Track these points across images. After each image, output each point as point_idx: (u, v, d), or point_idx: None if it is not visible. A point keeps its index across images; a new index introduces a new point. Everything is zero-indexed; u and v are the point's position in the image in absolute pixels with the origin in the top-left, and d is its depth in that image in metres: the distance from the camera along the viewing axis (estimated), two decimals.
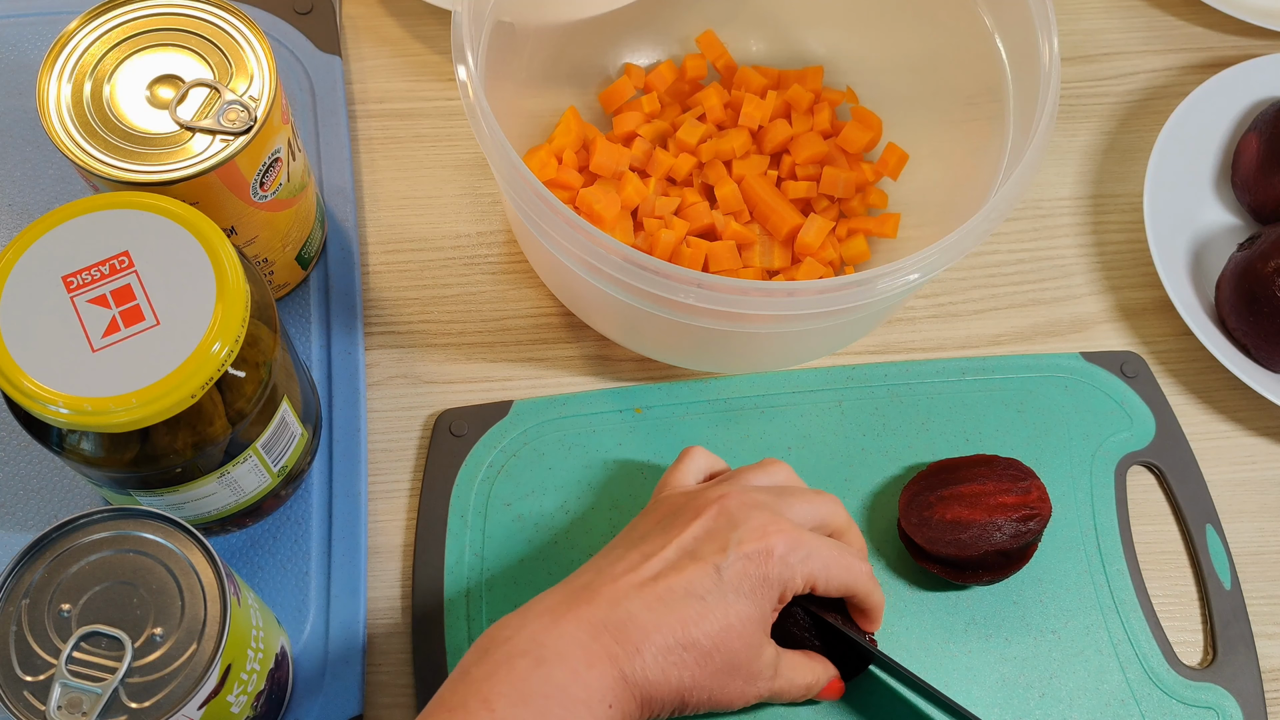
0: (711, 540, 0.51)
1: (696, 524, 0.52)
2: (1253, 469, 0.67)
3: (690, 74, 0.73)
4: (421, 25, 0.76)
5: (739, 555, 0.50)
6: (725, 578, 0.50)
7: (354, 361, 0.65)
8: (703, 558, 0.50)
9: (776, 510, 0.53)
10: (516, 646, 0.48)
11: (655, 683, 0.48)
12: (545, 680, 0.46)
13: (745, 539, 0.51)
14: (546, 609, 0.49)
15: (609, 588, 0.50)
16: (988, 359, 0.68)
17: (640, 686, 0.48)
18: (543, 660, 0.47)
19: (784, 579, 0.51)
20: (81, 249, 0.49)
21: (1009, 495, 0.60)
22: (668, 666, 0.49)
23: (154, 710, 0.45)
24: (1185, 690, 0.60)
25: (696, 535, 0.52)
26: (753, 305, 0.53)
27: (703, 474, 0.59)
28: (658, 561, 0.51)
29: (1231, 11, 0.76)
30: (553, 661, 0.47)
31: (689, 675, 0.49)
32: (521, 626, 0.49)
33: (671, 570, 0.50)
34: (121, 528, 0.47)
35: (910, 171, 0.70)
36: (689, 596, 0.49)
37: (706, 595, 0.50)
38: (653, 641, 0.48)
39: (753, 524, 0.51)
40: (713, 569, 0.50)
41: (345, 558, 0.61)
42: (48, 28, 0.72)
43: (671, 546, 0.51)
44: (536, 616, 0.49)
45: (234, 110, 0.54)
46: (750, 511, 0.52)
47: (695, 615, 0.49)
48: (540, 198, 0.53)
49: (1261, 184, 0.71)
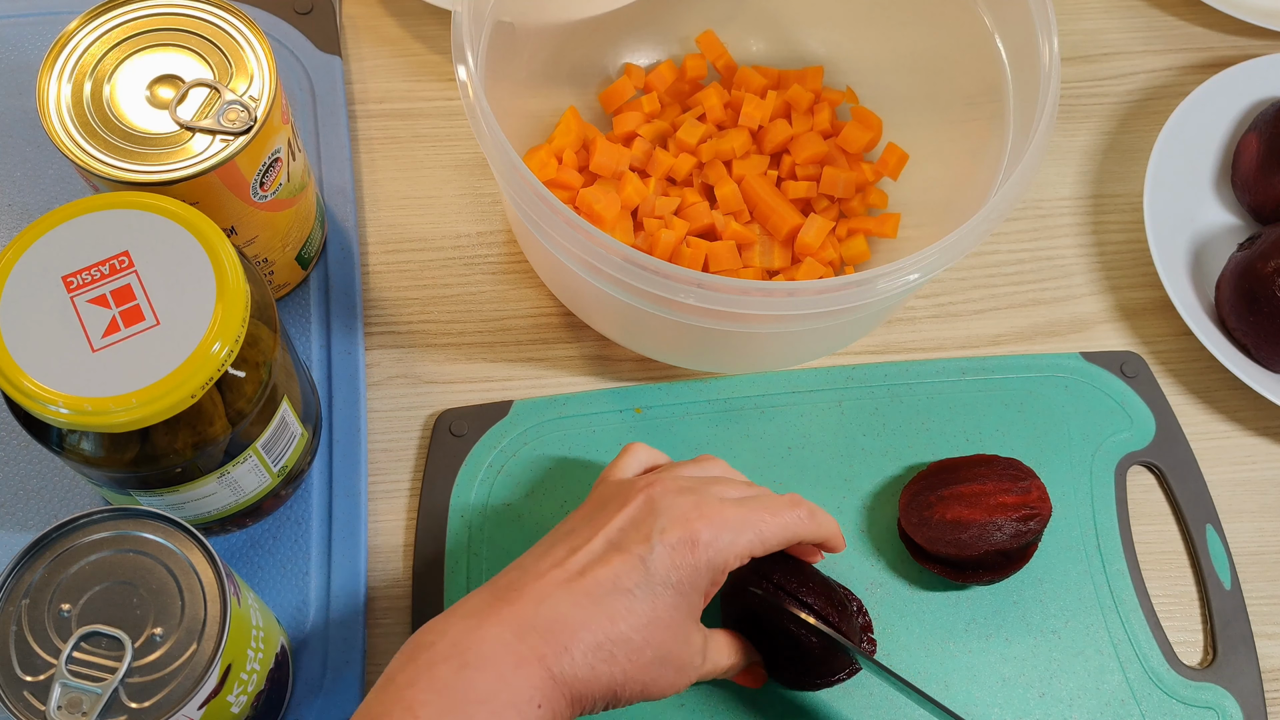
0: (636, 530, 0.50)
1: (621, 514, 0.51)
2: (1253, 469, 0.67)
3: (690, 74, 0.73)
4: (421, 25, 0.76)
5: (664, 545, 0.49)
6: (651, 569, 0.49)
7: (354, 361, 0.65)
8: (627, 549, 0.49)
9: (701, 493, 0.52)
10: (439, 652, 0.46)
11: (585, 680, 0.47)
12: (470, 685, 0.45)
13: (669, 527, 0.50)
14: (471, 610, 0.48)
15: (534, 585, 0.49)
16: (988, 359, 0.68)
17: (570, 685, 0.47)
18: (466, 664, 0.46)
19: (714, 564, 0.50)
20: (81, 249, 0.49)
21: (1009, 495, 0.60)
22: (597, 663, 0.47)
23: (154, 710, 0.45)
24: (1185, 690, 0.60)
25: (621, 526, 0.50)
26: (753, 305, 0.53)
27: (641, 468, 0.57)
28: (584, 555, 0.49)
29: (1231, 11, 0.76)
30: (477, 665, 0.46)
31: (619, 670, 0.48)
32: (445, 631, 0.47)
33: (597, 563, 0.49)
34: (121, 528, 0.47)
35: (910, 171, 0.70)
36: (616, 591, 0.48)
37: (634, 589, 0.48)
38: (580, 639, 0.47)
39: (675, 511, 0.50)
40: (638, 560, 0.49)
41: (345, 558, 0.61)
42: (48, 28, 0.72)
43: (597, 538, 0.50)
44: (461, 619, 0.48)
45: (234, 110, 0.54)
46: (675, 498, 0.51)
47: (623, 610, 0.48)
48: (540, 198, 0.53)
49: (1261, 184, 0.71)
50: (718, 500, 0.52)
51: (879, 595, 0.62)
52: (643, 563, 0.49)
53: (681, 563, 0.49)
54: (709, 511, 0.51)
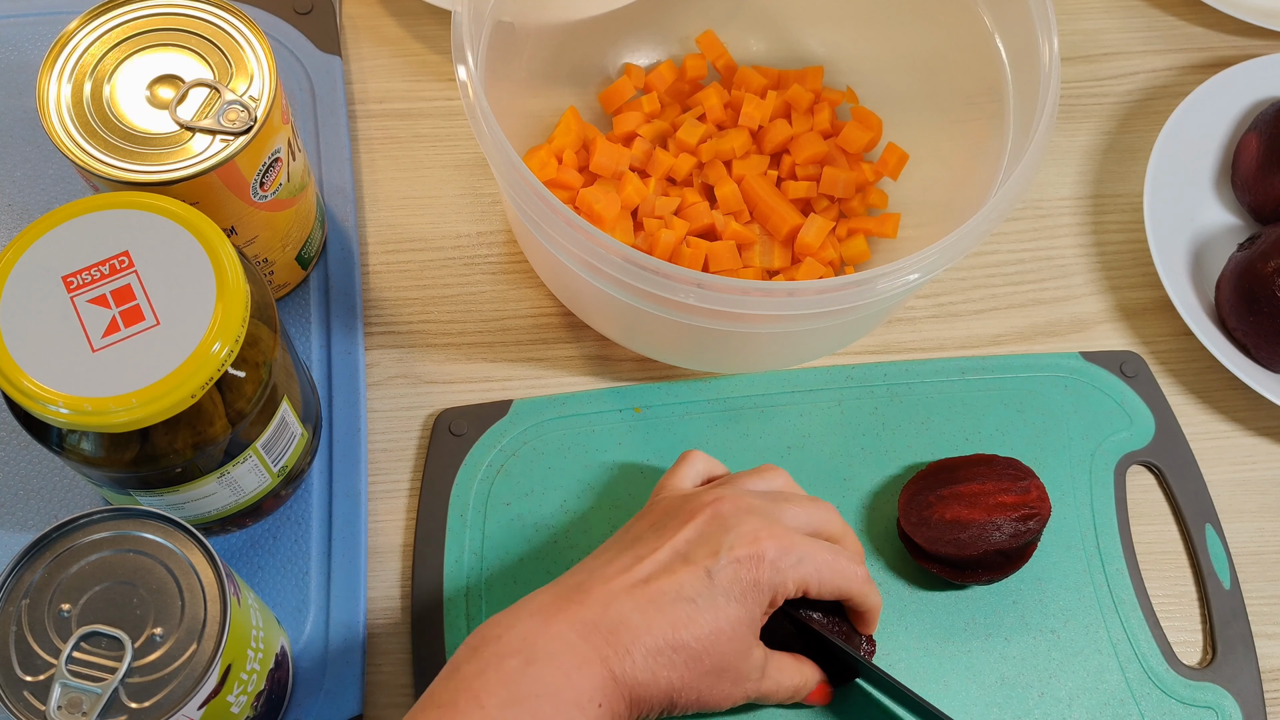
0: (704, 544, 0.51)
1: (689, 527, 0.52)
2: (1252, 469, 0.67)
3: (690, 74, 0.73)
4: (421, 25, 0.76)
5: (730, 559, 0.50)
6: (716, 581, 0.50)
7: (354, 361, 0.65)
8: (694, 561, 0.51)
9: (770, 515, 0.53)
10: (507, 645, 0.48)
11: (645, 683, 0.49)
12: (535, 680, 0.47)
13: (737, 543, 0.51)
14: (538, 608, 0.49)
15: (601, 588, 0.50)
16: (988, 359, 0.68)
17: (630, 687, 0.48)
18: (533, 660, 0.47)
19: (774, 584, 0.51)
20: (81, 249, 0.49)
21: (1008, 495, 0.60)
22: (657, 668, 0.49)
23: (154, 710, 0.45)
24: (1185, 690, 0.60)
25: (689, 538, 0.52)
26: (753, 305, 0.53)
27: (700, 477, 0.59)
28: (650, 564, 0.51)
29: (1231, 11, 0.76)
30: (543, 661, 0.47)
31: (678, 676, 0.49)
32: (512, 625, 0.49)
33: (663, 572, 0.50)
34: (121, 528, 0.47)
35: (910, 171, 0.70)
36: (680, 599, 0.50)
37: (697, 598, 0.50)
38: (643, 643, 0.49)
39: (745, 528, 0.52)
40: (704, 572, 0.50)
41: (345, 558, 0.61)
42: (48, 28, 0.72)
43: (664, 549, 0.51)
44: (528, 616, 0.49)
45: (234, 110, 0.54)
46: (743, 516, 0.52)
47: (685, 618, 0.49)
48: (540, 198, 0.53)
49: (1261, 184, 0.71)
50: (785, 526, 0.53)
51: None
52: (708, 574, 0.50)
53: (745, 576, 0.51)
54: (778, 532, 0.52)
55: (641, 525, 0.54)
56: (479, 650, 0.48)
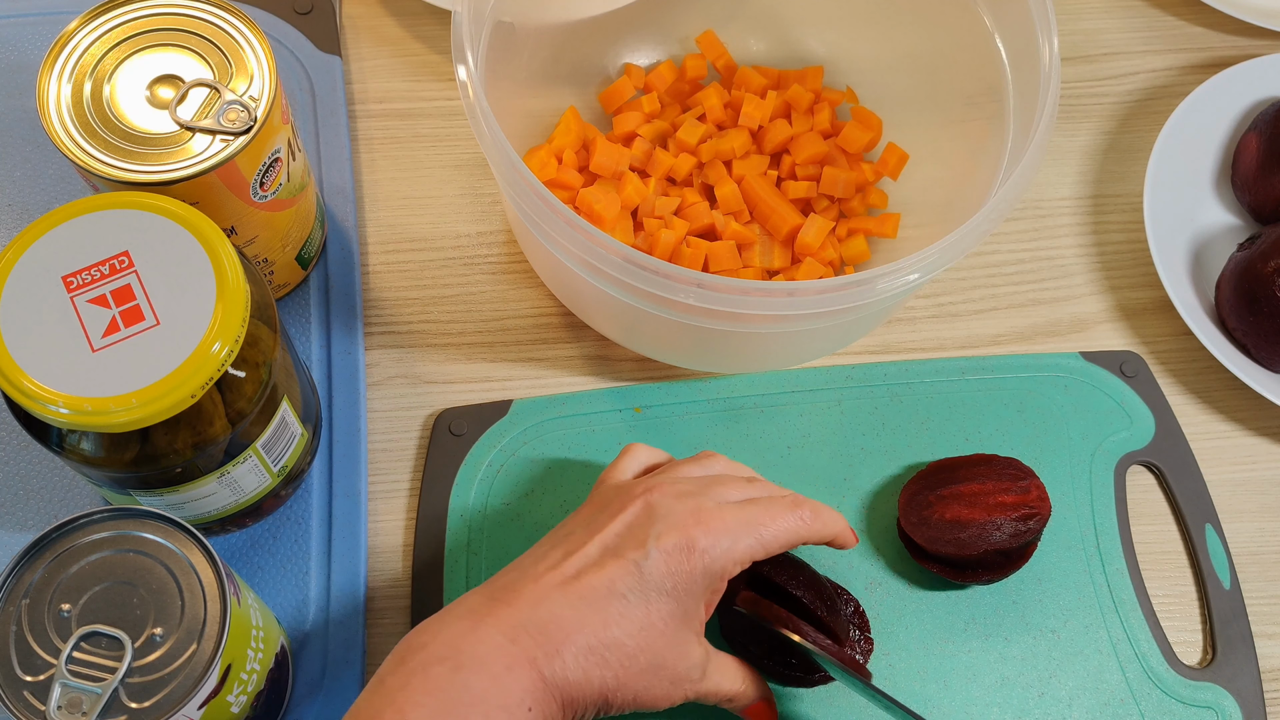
0: (632, 535, 0.50)
1: (619, 519, 0.50)
2: (1253, 469, 0.67)
3: (690, 74, 0.73)
4: (421, 25, 0.76)
5: (659, 551, 0.49)
6: (646, 574, 0.48)
7: (354, 361, 0.65)
8: (623, 554, 0.49)
9: (701, 498, 0.51)
10: (433, 653, 0.46)
11: (577, 683, 0.47)
12: (463, 687, 0.45)
13: (665, 533, 0.49)
14: (467, 611, 0.48)
15: (530, 587, 0.48)
16: (987, 359, 0.68)
17: (561, 688, 0.47)
18: (460, 666, 0.45)
19: (711, 571, 0.49)
20: (81, 249, 0.49)
21: (1008, 494, 0.60)
22: (589, 667, 0.47)
23: (154, 710, 0.45)
24: (1184, 690, 0.60)
25: (618, 531, 0.50)
26: (753, 305, 0.53)
27: (641, 468, 0.57)
28: (579, 559, 0.49)
29: (1231, 11, 0.76)
30: (470, 667, 0.45)
31: (611, 676, 0.48)
32: (439, 631, 0.47)
33: (593, 568, 0.49)
34: (121, 528, 0.47)
35: (910, 171, 0.70)
36: (611, 595, 0.48)
37: (628, 594, 0.48)
38: (574, 642, 0.47)
39: (674, 517, 0.50)
40: (633, 566, 0.48)
41: (345, 558, 0.61)
42: (48, 28, 0.72)
43: (594, 543, 0.50)
44: (455, 620, 0.47)
45: (234, 110, 0.54)
46: (673, 503, 0.50)
47: (616, 614, 0.48)
48: (540, 198, 0.53)
49: (1261, 184, 0.71)
50: (716, 505, 0.51)
51: (878, 595, 0.62)
52: (638, 568, 0.48)
53: (678, 569, 0.49)
54: (707, 517, 0.50)
55: (574, 520, 0.52)
56: (405, 660, 0.46)
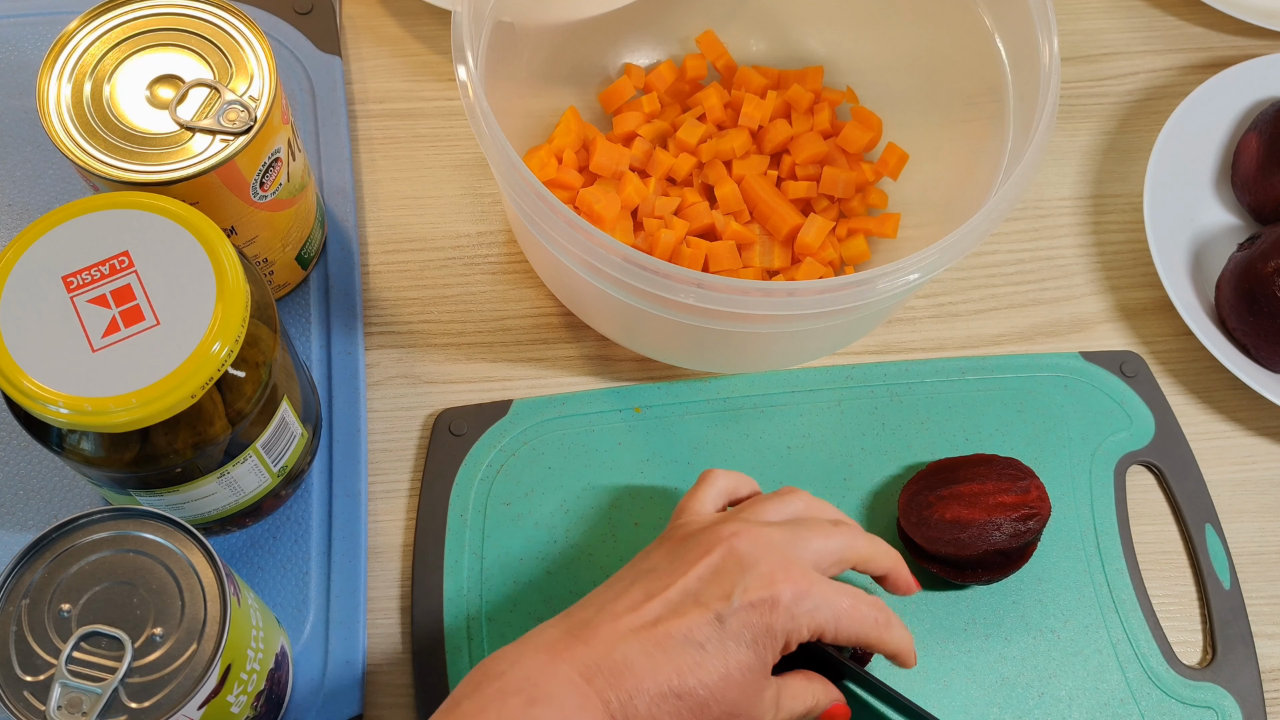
0: (717, 584, 0.49)
1: (703, 564, 0.50)
2: (1253, 469, 0.67)
3: (690, 74, 0.73)
4: (421, 25, 0.76)
5: (743, 603, 0.48)
6: (727, 626, 0.48)
7: (354, 361, 0.65)
8: (705, 603, 0.49)
9: (789, 552, 0.51)
10: (510, 683, 0.46)
11: None
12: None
13: (751, 586, 0.49)
14: (544, 644, 0.48)
15: (608, 627, 0.48)
16: (987, 359, 0.68)
17: None
18: (534, 700, 0.46)
19: (788, 630, 0.49)
20: (81, 249, 0.49)
21: (1008, 495, 0.60)
22: (660, 714, 0.47)
23: (154, 710, 0.45)
24: (1184, 690, 0.60)
25: (702, 576, 0.50)
26: (753, 305, 0.53)
27: (723, 497, 0.57)
28: (659, 603, 0.49)
29: (1231, 11, 0.76)
30: (544, 702, 0.46)
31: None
32: (517, 662, 0.48)
33: (673, 614, 0.49)
34: (121, 528, 0.47)
35: (910, 171, 0.70)
36: (688, 644, 0.48)
37: (706, 643, 0.48)
38: (646, 689, 0.47)
39: (760, 569, 0.49)
40: (714, 616, 0.48)
41: (345, 558, 0.61)
42: (48, 28, 0.72)
43: (675, 587, 0.49)
44: (533, 652, 0.48)
45: (234, 110, 0.54)
46: (760, 553, 0.50)
47: (693, 663, 0.48)
48: (540, 198, 0.53)
49: (1261, 184, 0.71)
50: (804, 566, 0.51)
51: (879, 595, 0.62)
52: (718, 619, 0.48)
53: (758, 622, 0.49)
54: (795, 574, 0.50)
55: (657, 555, 0.52)
56: (481, 686, 0.47)
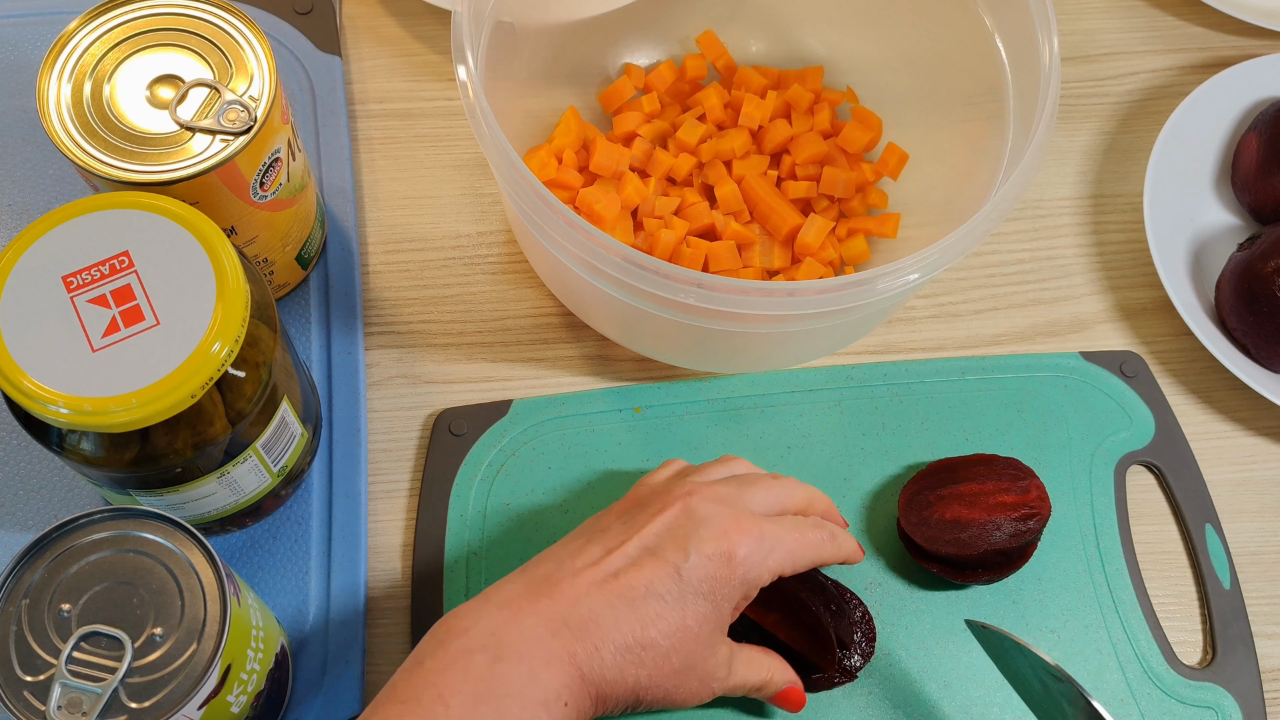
0: (673, 538, 0.51)
1: (659, 520, 0.51)
2: (1253, 469, 0.67)
3: (690, 74, 0.73)
4: (421, 25, 0.76)
5: (700, 556, 0.50)
6: (686, 578, 0.50)
7: (354, 361, 0.65)
8: (664, 556, 0.50)
9: (738, 505, 0.52)
10: (474, 640, 0.47)
11: (611, 680, 0.48)
12: (503, 678, 0.46)
13: (707, 540, 0.50)
14: (506, 600, 0.49)
15: (569, 582, 0.49)
16: (987, 359, 0.68)
17: (596, 684, 0.48)
18: (500, 657, 0.46)
19: (747, 579, 0.51)
20: (81, 249, 0.49)
21: (1008, 494, 0.60)
22: (625, 665, 0.48)
23: (154, 710, 0.45)
24: (1184, 690, 0.60)
25: (657, 532, 0.51)
26: (753, 305, 0.53)
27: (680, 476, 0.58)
28: (619, 557, 0.50)
29: (1231, 11, 0.76)
30: (511, 659, 0.46)
31: (645, 674, 0.49)
32: (480, 618, 0.48)
33: (632, 567, 0.50)
34: (121, 528, 0.47)
35: (910, 171, 0.70)
36: (649, 595, 0.49)
37: (666, 595, 0.49)
38: (611, 640, 0.48)
39: (715, 524, 0.51)
40: (673, 569, 0.50)
41: (345, 558, 0.61)
42: (48, 28, 0.72)
43: (633, 542, 0.51)
44: (496, 609, 0.48)
45: (234, 110, 0.54)
46: (712, 509, 0.52)
47: (654, 615, 0.49)
48: (540, 198, 0.53)
49: (1261, 184, 0.71)
50: (753, 515, 0.52)
51: (879, 595, 0.62)
52: (678, 571, 0.50)
53: (716, 575, 0.50)
54: (746, 525, 0.51)
55: (610, 515, 0.54)
56: (445, 643, 0.47)
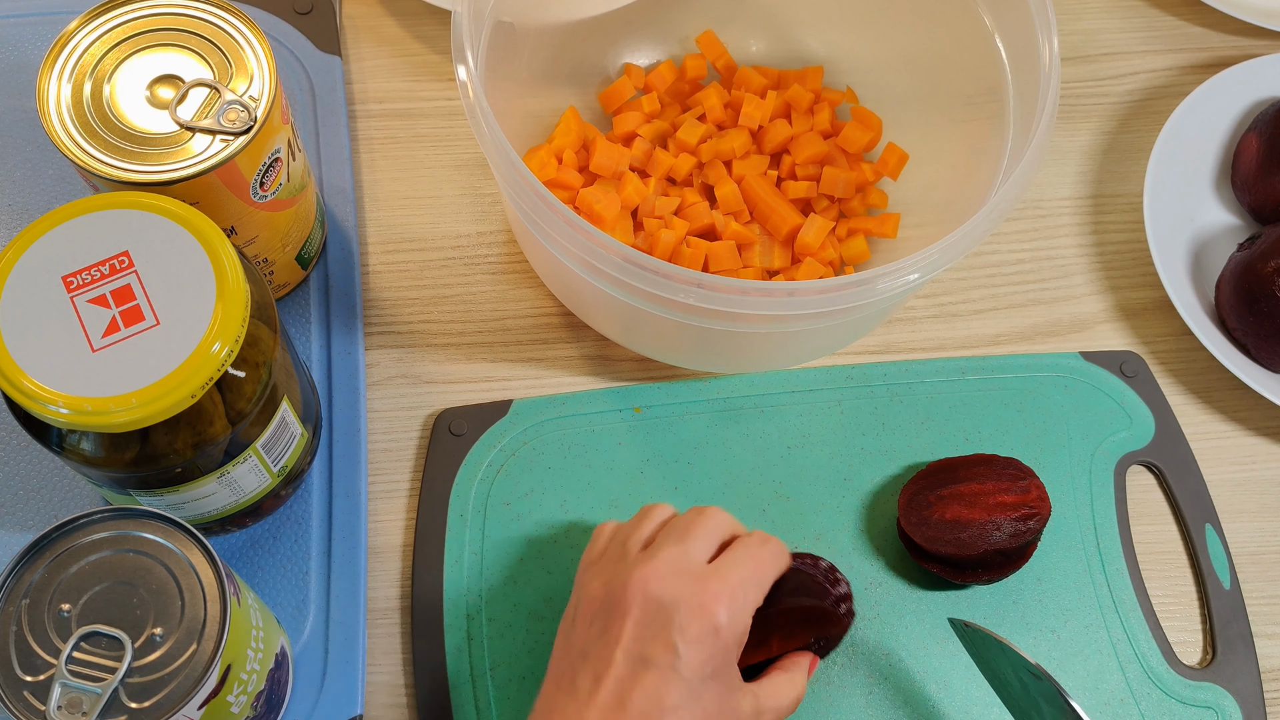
0: (655, 638, 0.48)
1: (630, 622, 0.49)
2: (1252, 469, 0.67)
3: (690, 74, 0.73)
4: (421, 25, 0.76)
5: (689, 645, 0.48)
6: (688, 675, 0.48)
7: (354, 361, 0.65)
8: (656, 662, 0.48)
9: (691, 566, 0.50)
10: None
11: None
12: None
13: (687, 623, 0.48)
14: None
15: None
16: (987, 359, 0.68)
17: None
18: None
19: (737, 635, 0.49)
20: (81, 249, 0.49)
21: (1008, 494, 0.60)
22: None
23: (154, 710, 0.45)
24: (1184, 690, 0.60)
25: (636, 636, 0.49)
26: (753, 305, 0.53)
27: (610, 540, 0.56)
28: (611, 682, 0.48)
29: (1231, 11, 0.76)
30: None
31: None
32: None
33: (631, 687, 0.48)
34: (121, 528, 0.47)
35: (910, 171, 0.70)
36: (665, 711, 0.47)
37: (680, 701, 0.48)
38: None
39: (685, 603, 0.49)
40: (672, 672, 0.48)
41: (345, 558, 0.61)
42: (48, 28, 0.72)
43: (617, 660, 0.49)
44: None
45: (234, 110, 0.54)
46: (673, 585, 0.49)
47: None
48: (540, 198, 0.53)
49: (1261, 184, 0.71)
50: (711, 571, 0.50)
51: (879, 595, 0.62)
52: (677, 672, 0.48)
53: (711, 651, 0.48)
54: (713, 587, 0.49)
55: (579, 631, 0.51)
56: None
